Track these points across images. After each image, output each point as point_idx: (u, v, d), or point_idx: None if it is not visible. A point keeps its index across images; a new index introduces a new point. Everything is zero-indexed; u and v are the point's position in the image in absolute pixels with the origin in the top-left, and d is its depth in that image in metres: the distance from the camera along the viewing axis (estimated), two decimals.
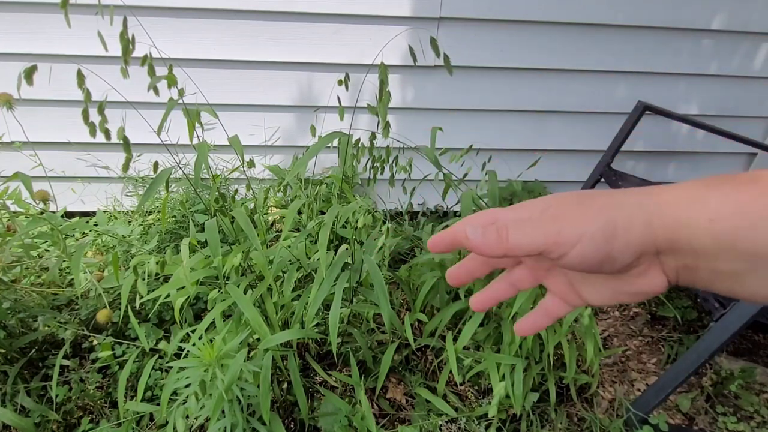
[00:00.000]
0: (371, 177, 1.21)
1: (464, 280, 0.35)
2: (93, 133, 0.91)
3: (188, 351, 0.89)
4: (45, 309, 1.25)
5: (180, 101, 0.93)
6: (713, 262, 0.26)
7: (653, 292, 0.30)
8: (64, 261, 1.29)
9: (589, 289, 0.33)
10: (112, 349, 1.25)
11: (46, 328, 1.22)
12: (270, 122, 1.75)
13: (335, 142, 1.72)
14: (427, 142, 1.12)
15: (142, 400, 1.06)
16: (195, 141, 0.94)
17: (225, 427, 0.91)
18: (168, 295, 1.07)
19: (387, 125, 0.99)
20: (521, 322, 0.36)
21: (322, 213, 1.49)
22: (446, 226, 1.46)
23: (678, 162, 2.02)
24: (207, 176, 1.09)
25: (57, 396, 1.14)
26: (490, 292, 0.36)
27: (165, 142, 1.65)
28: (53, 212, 1.63)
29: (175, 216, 1.64)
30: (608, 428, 1.24)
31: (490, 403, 1.13)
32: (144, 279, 1.00)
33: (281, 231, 1.39)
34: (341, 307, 1.00)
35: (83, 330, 1.27)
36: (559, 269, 0.34)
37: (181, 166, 1.67)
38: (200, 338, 0.92)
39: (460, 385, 1.32)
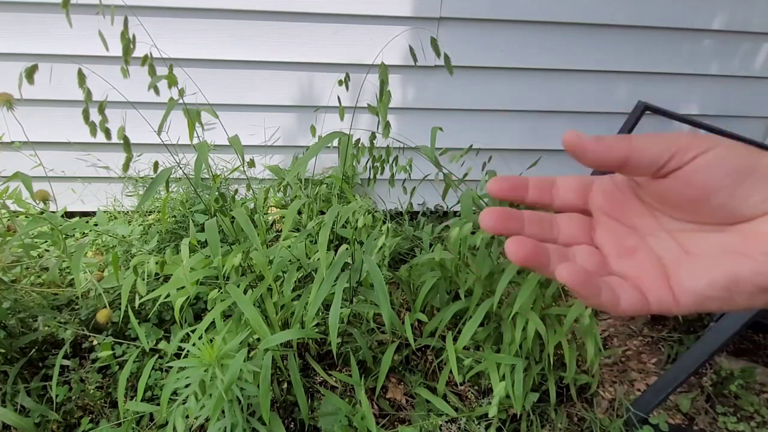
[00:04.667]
0: (371, 177, 1.21)
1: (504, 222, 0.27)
2: (93, 133, 0.91)
3: (188, 351, 0.89)
4: (45, 309, 1.25)
5: (180, 101, 0.93)
6: None
7: None
8: (64, 261, 1.29)
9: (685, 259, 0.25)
10: (112, 349, 1.25)
11: (46, 328, 1.22)
12: (270, 122, 1.75)
13: (335, 142, 1.72)
14: (427, 142, 1.12)
15: (142, 400, 1.06)
16: (195, 141, 0.94)
17: (225, 427, 0.91)
18: (168, 295, 1.07)
19: (387, 125, 0.99)
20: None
21: (322, 213, 1.48)
22: (446, 227, 1.46)
23: None
24: (207, 176, 1.09)
25: (57, 396, 1.14)
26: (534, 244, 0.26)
27: (165, 142, 1.65)
28: (53, 212, 1.63)
29: (175, 216, 1.64)
30: (608, 428, 1.24)
31: (490, 403, 1.13)
32: (144, 279, 1.00)
33: (281, 231, 1.39)
34: (341, 307, 1.00)
35: (83, 330, 1.27)
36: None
37: (181, 166, 1.67)
38: (200, 338, 0.91)
39: (460, 385, 1.32)
